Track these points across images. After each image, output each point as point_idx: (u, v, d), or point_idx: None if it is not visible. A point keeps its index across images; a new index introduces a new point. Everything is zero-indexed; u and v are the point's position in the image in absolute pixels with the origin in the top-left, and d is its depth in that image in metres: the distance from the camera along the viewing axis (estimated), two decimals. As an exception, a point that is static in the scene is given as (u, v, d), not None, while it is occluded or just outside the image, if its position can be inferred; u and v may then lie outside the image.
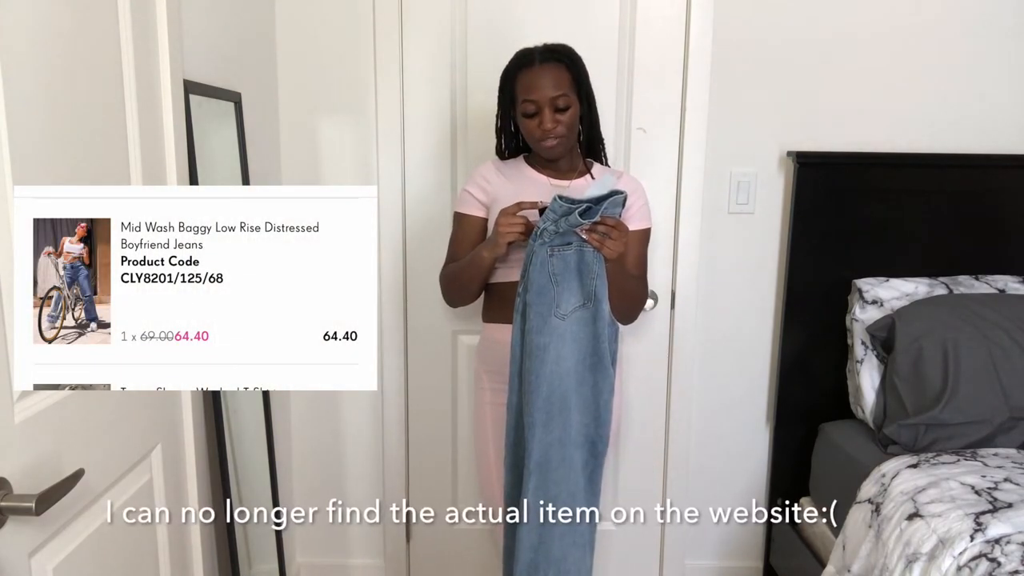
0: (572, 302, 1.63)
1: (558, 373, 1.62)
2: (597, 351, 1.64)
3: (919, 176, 2.24)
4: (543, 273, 1.61)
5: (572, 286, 1.63)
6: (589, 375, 1.65)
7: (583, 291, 1.63)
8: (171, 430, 1.44)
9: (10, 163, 0.95)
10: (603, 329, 1.64)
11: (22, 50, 0.98)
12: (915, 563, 1.56)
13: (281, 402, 2.32)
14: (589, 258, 1.62)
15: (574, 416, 1.64)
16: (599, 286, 1.63)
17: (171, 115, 1.40)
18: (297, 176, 2.29)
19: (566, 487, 1.65)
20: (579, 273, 1.63)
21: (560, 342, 1.62)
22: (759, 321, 2.38)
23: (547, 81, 1.67)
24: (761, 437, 2.45)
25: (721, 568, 2.52)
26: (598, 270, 1.62)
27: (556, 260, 1.62)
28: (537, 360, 1.62)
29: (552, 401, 1.62)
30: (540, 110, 1.67)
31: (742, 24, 2.21)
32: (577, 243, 1.61)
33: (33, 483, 0.99)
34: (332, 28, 2.22)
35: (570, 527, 1.65)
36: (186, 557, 1.50)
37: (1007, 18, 2.23)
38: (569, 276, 1.62)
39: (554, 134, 1.68)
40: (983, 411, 1.92)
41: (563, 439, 1.64)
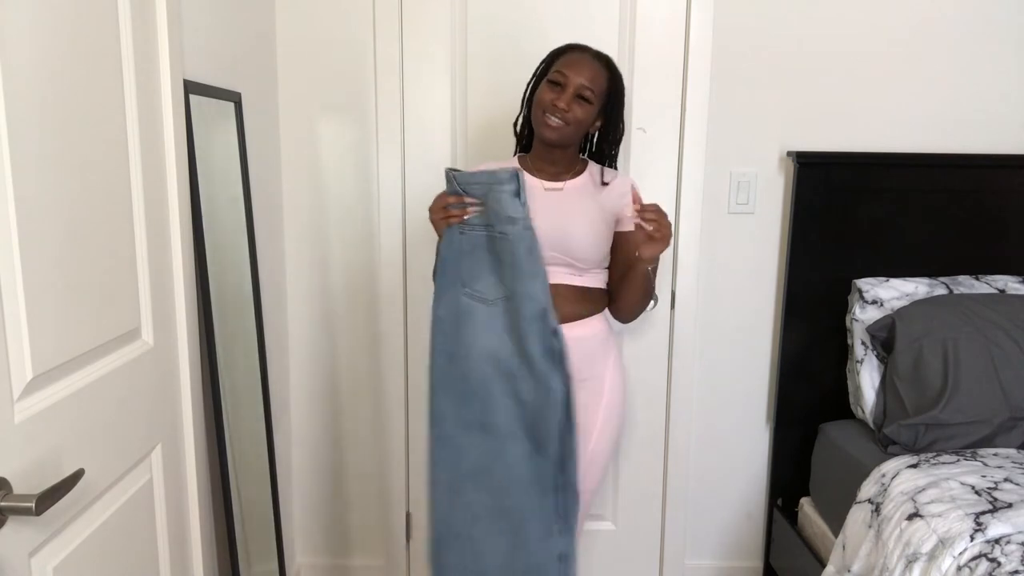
0: (485, 287, 1.65)
1: (462, 356, 1.65)
2: (524, 352, 1.62)
3: (919, 176, 2.24)
4: (450, 249, 1.66)
5: (483, 269, 1.65)
6: (511, 379, 1.64)
7: (501, 283, 1.64)
8: (171, 430, 1.44)
9: (10, 163, 0.95)
10: (529, 330, 1.62)
11: (22, 50, 0.98)
12: (915, 563, 1.56)
13: (281, 402, 2.32)
14: (502, 247, 1.62)
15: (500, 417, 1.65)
16: (518, 280, 1.62)
17: (171, 115, 1.40)
18: (297, 176, 2.29)
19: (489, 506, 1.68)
20: (494, 261, 1.64)
21: (468, 321, 1.65)
22: (759, 321, 2.38)
23: (587, 70, 1.67)
24: (761, 437, 2.45)
25: (721, 568, 2.52)
26: (519, 264, 1.61)
27: (465, 239, 1.65)
28: (437, 333, 1.67)
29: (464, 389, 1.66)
30: (565, 87, 1.65)
31: (742, 24, 2.21)
32: (494, 229, 1.62)
33: (33, 483, 0.99)
34: (332, 28, 2.22)
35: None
36: (186, 557, 1.50)
37: (1007, 18, 2.23)
38: (479, 259, 1.65)
39: (562, 115, 1.65)
40: (983, 411, 1.92)
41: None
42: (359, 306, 2.36)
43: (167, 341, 1.41)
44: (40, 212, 1.02)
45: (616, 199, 1.76)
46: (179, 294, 1.45)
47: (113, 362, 1.22)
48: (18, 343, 0.98)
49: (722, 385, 2.41)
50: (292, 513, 2.45)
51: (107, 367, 1.20)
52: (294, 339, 2.38)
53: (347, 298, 2.36)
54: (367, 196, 2.30)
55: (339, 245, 2.33)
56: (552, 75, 1.68)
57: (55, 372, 1.06)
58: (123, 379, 1.24)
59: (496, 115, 2.15)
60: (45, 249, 1.03)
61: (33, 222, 1.00)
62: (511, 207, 1.59)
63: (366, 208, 2.31)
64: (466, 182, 1.65)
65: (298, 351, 2.39)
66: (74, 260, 1.10)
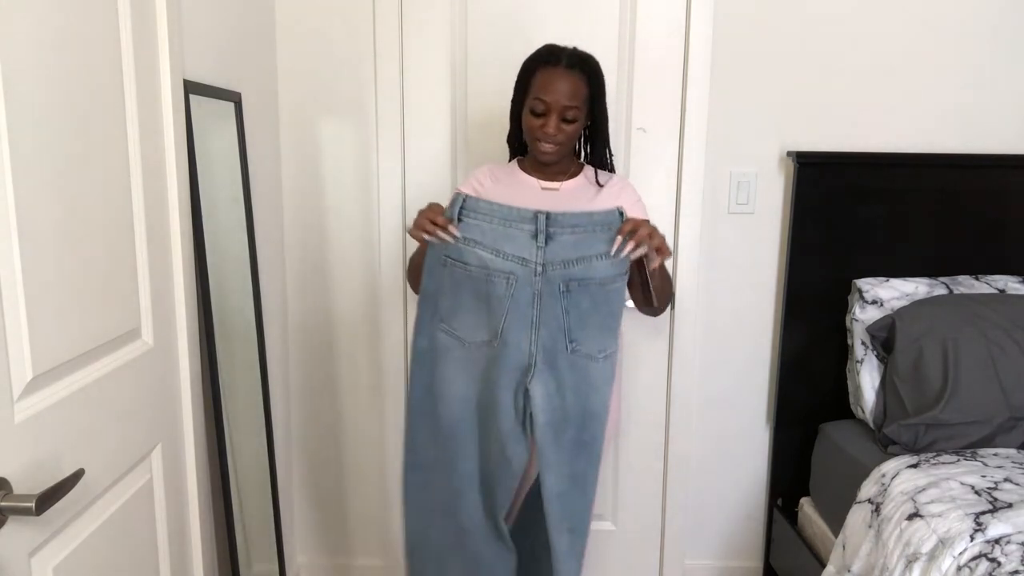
0: (464, 327, 1.60)
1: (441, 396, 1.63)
2: (495, 404, 1.59)
3: (919, 176, 2.24)
4: (431, 279, 1.61)
5: (465, 308, 1.59)
6: (482, 427, 1.63)
7: (488, 324, 1.58)
8: (171, 430, 1.44)
9: (10, 163, 0.95)
10: (503, 382, 1.57)
11: (22, 50, 0.98)
12: (915, 563, 1.56)
13: (281, 402, 2.32)
14: (498, 288, 1.54)
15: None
16: (512, 326, 1.56)
17: (171, 115, 1.40)
18: (297, 176, 2.29)
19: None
20: (478, 301, 1.58)
21: (444, 358, 1.62)
22: (759, 321, 2.38)
23: (564, 87, 1.64)
24: (761, 437, 2.45)
25: (721, 568, 2.52)
26: (520, 308, 1.55)
27: (447, 273, 1.59)
28: (415, 363, 1.65)
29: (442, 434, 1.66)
30: (548, 113, 1.65)
31: (742, 24, 2.21)
32: (491, 268, 1.54)
33: (33, 483, 0.99)
34: (332, 28, 2.22)
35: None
36: (186, 557, 1.50)
37: (1007, 18, 2.23)
38: (462, 298, 1.59)
39: (553, 140, 1.67)
40: (983, 411, 1.92)
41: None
42: (359, 306, 2.36)
43: (167, 341, 1.41)
44: (40, 212, 1.02)
45: (612, 202, 1.76)
46: (179, 294, 1.45)
47: (113, 362, 1.22)
48: (18, 343, 0.98)
49: (722, 385, 2.41)
50: (292, 513, 2.45)
51: (107, 367, 1.20)
52: (294, 339, 2.38)
53: (347, 298, 2.36)
54: (367, 196, 2.30)
55: (339, 245, 2.33)
56: (532, 103, 1.66)
57: (55, 372, 1.06)
58: (123, 379, 1.24)
59: (496, 115, 2.15)
60: (45, 249, 1.03)
61: (33, 222, 1.00)
62: (526, 248, 1.54)
63: (366, 208, 2.31)
64: (474, 209, 1.56)
65: (298, 351, 2.39)
66: (74, 260, 1.10)
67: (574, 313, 1.56)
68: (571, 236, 1.54)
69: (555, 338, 1.57)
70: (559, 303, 1.56)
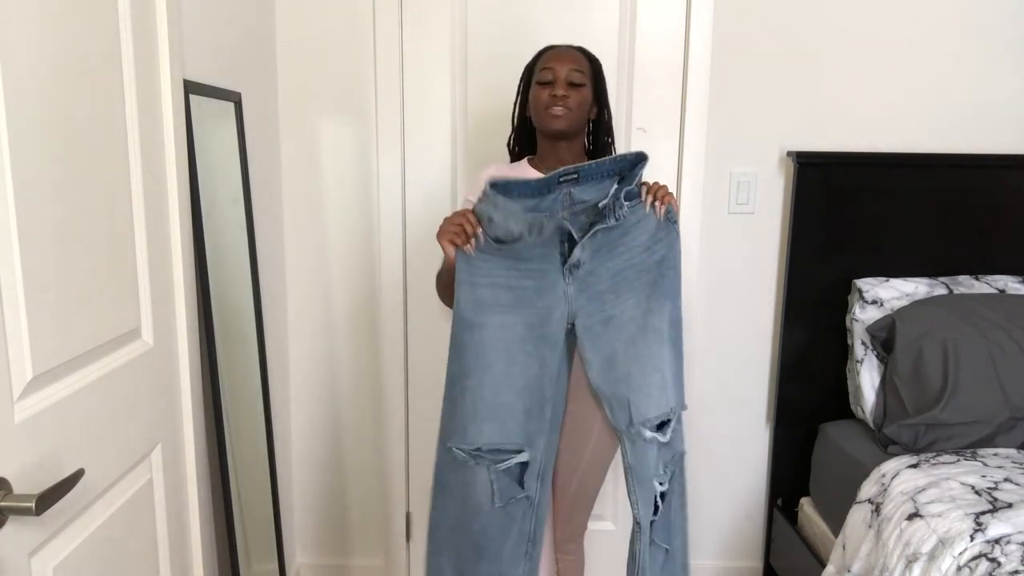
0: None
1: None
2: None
3: (919, 176, 2.24)
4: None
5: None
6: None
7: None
8: (171, 430, 1.44)
9: (10, 163, 0.95)
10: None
11: (22, 51, 0.98)
12: (915, 563, 1.56)
13: (281, 402, 2.32)
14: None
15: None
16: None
17: (171, 115, 1.40)
18: (297, 176, 2.29)
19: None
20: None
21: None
22: (759, 321, 2.38)
23: (568, 58, 1.71)
24: (761, 437, 2.45)
25: (721, 568, 2.52)
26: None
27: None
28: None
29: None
30: (556, 79, 1.68)
31: (742, 24, 2.21)
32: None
33: (33, 483, 0.99)
34: (332, 28, 2.22)
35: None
36: (186, 557, 1.50)
37: (1007, 18, 2.23)
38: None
39: (563, 104, 1.67)
40: (983, 411, 1.92)
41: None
42: (359, 306, 2.36)
43: (167, 341, 1.41)
44: (40, 212, 1.02)
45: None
46: (179, 294, 1.45)
47: (113, 362, 1.22)
48: (18, 343, 0.98)
49: (722, 385, 2.41)
50: (292, 513, 2.45)
51: (107, 367, 1.20)
52: (294, 339, 2.38)
53: (347, 298, 2.36)
54: (367, 196, 2.30)
55: (339, 245, 2.33)
56: (539, 75, 1.71)
57: (55, 372, 1.06)
58: (123, 379, 1.24)
59: (496, 115, 2.15)
60: (45, 249, 1.03)
61: (33, 222, 1.00)
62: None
63: (366, 208, 2.31)
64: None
65: (298, 351, 2.39)
66: (74, 260, 1.10)
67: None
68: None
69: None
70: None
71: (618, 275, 1.57)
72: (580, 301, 1.56)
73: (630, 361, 1.56)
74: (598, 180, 1.55)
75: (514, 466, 1.58)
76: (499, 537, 1.61)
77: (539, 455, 1.58)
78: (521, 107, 1.81)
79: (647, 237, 1.57)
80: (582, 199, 1.54)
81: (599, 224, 1.52)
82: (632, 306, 1.57)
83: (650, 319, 1.57)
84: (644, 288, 1.58)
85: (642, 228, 1.57)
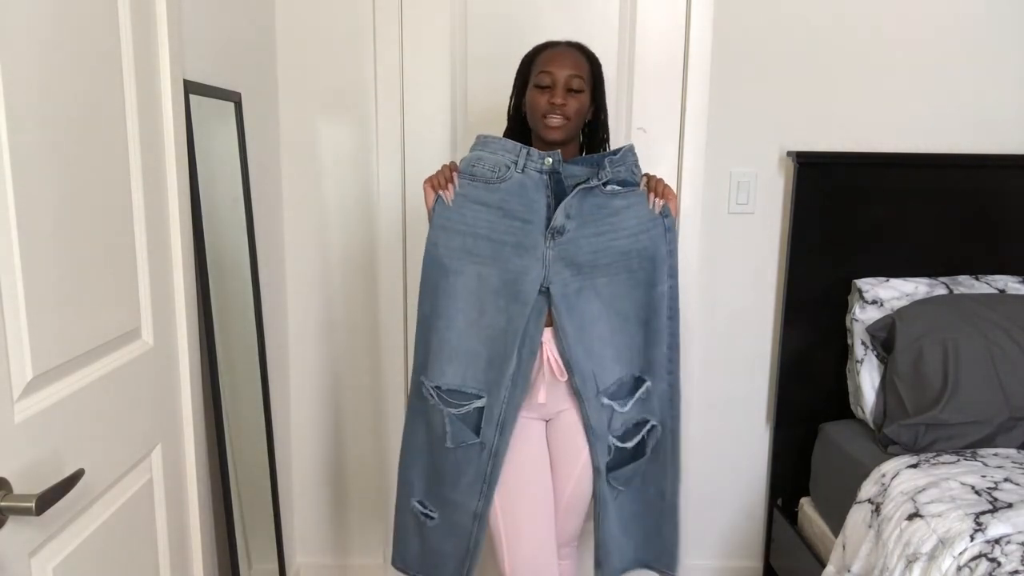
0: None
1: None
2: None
3: (919, 176, 2.24)
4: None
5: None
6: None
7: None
8: (171, 430, 1.44)
9: (10, 164, 0.95)
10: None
11: (22, 50, 0.98)
12: (915, 563, 1.56)
13: (281, 402, 2.32)
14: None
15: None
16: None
17: (171, 115, 1.40)
18: (297, 176, 2.29)
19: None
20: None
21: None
22: (759, 321, 2.38)
23: (568, 61, 1.67)
24: (761, 437, 2.45)
25: (721, 568, 2.52)
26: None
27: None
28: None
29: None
30: (554, 85, 1.64)
31: (742, 24, 2.21)
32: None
33: (33, 483, 0.99)
34: (332, 28, 2.22)
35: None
36: (186, 557, 1.50)
37: (1007, 18, 2.23)
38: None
39: (561, 112, 1.64)
40: (983, 411, 1.92)
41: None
42: (359, 306, 2.36)
43: (167, 341, 1.41)
44: (40, 212, 1.02)
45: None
46: (179, 294, 1.45)
47: (113, 362, 1.22)
48: (18, 343, 0.98)
49: (722, 385, 2.41)
50: (292, 513, 2.45)
51: (107, 367, 1.20)
52: (294, 339, 2.38)
53: (347, 298, 2.36)
54: (367, 196, 2.30)
55: (339, 245, 2.33)
56: (537, 78, 1.66)
57: (55, 372, 1.06)
58: (123, 379, 1.24)
59: (496, 114, 2.14)
60: (45, 249, 1.03)
61: (33, 222, 1.00)
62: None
63: (366, 208, 2.30)
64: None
65: (298, 351, 2.39)
66: (74, 260, 1.10)
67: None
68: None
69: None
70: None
71: (598, 252, 1.65)
72: (556, 267, 1.62)
73: (593, 336, 1.65)
74: (589, 165, 1.67)
75: (472, 411, 1.65)
76: (454, 472, 1.70)
77: (497, 404, 1.64)
78: (516, 101, 1.76)
79: (635, 224, 1.66)
80: (571, 173, 1.65)
81: (582, 184, 1.61)
82: (603, 284, 1.66)
83: (617, 302, 1.67)
84: (620, 272, 1.66)
85: (632, 214, 1.66)
